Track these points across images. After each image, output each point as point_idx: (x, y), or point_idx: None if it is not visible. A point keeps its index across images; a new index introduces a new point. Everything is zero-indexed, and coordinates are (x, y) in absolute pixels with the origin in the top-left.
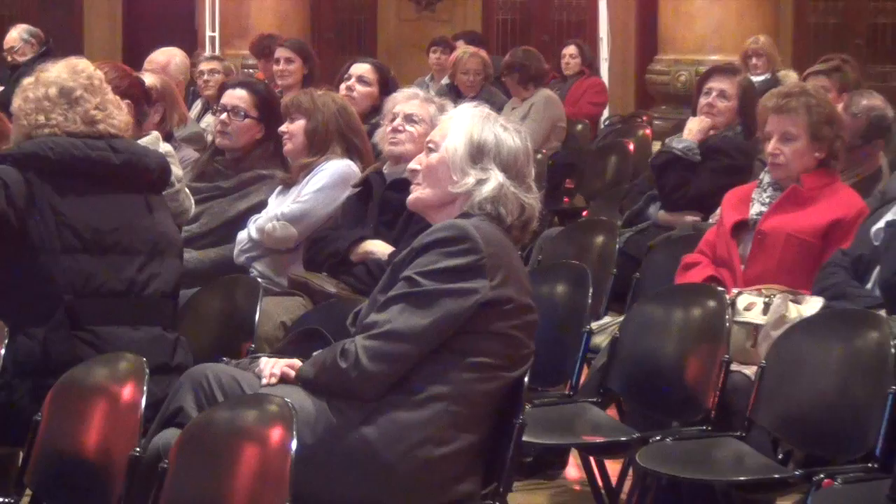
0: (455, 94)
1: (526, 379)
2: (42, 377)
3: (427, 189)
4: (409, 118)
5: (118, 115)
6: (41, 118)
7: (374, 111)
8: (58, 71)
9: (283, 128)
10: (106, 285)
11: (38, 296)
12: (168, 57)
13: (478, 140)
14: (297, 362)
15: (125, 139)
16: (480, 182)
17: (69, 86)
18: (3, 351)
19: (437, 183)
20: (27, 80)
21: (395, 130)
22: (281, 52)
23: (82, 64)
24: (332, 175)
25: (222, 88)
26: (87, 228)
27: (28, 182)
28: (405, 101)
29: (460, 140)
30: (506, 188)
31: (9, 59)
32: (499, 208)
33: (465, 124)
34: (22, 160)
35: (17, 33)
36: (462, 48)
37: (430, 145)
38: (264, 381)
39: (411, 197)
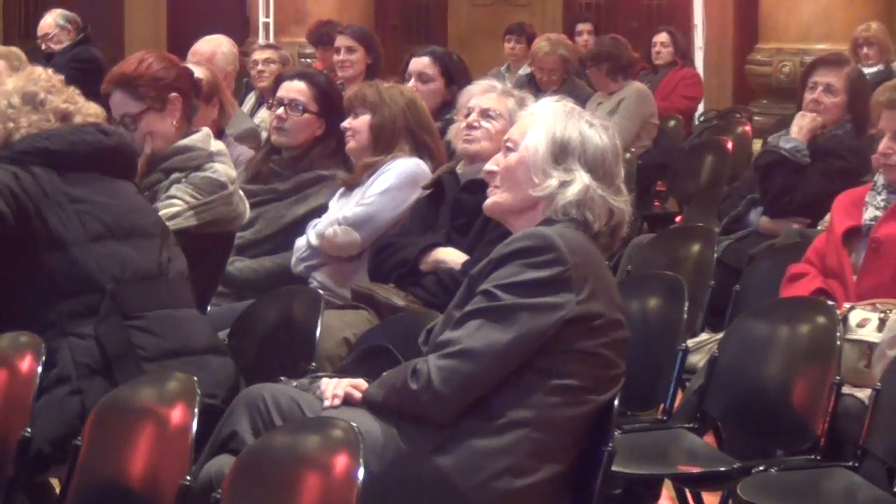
0: (535, 85)
1: (615, 402)
2: (109, 374)
3: (505, 193)
4: (485, 113)
5: (90, 106)
6: (10, 125)
7: (444, 107)
8: (14, 81)
9: (345, 123)
10: (141, 269)
11: (78, 291)
12: (213, 46)
13: (561, 138)
14: (362, 383)
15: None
16: (564, 184)
17: (30, 90)
18: (40, 368)
19: (516, 186)
20: None
21: (469, 127)
22: (341, 41)
23: (38, 70)
24: (400, 175)
25: (278, 80)
26: (105, 213)
27: (35, 176)
28: (481, 94)
29: (541, 138)
30: (592, 191)
31: (43, 46)
32: (585, 213)
33: (546, 120)
34: (20, 156)
35: (52, 19)
36: (541, 39)
37: (509, 144)
38: (326, 402)
39: (488, 202)
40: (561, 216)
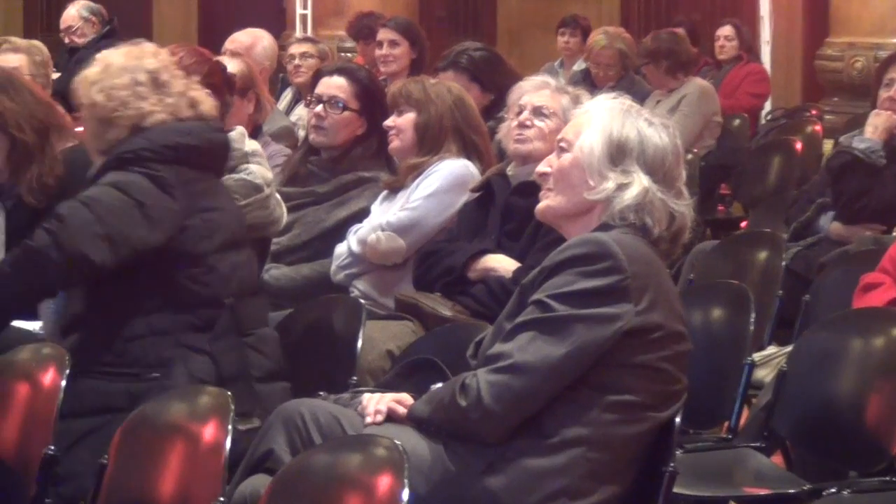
0: (590, 82)
1: (677, 419)
2: None
3: (559, 196)
4: (537, 111)
5: (207, 96)
6: (145, 105)
7: (493, 105)
8: (128, 57)
9: (388, 122)
10: (250, 282)
11: (200, 305)
12: (253, 38)
13: (618, 137)
14: (406, 398)
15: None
16: (621, 187)
17: (153, 67)
18: (63, 382)
19: (570, 189)
20: (93, 71)
21: (521, 126)
22: (384, 34)
23: (147, 46)
24: (447, 177)
25: (316, 76)
26: (227, 222)
27: (166, 187)
28: (533, 91)
29: (597, 138)
30: (651, 193)
31: (66, 40)
32: (644, 218)
33: (602, 119)
34: (161, 152)
35: (75, 10)
36: (598, 32)
37: (563, 144)
38: (368, 419)
39: (540, 206)
40: (618, 221)
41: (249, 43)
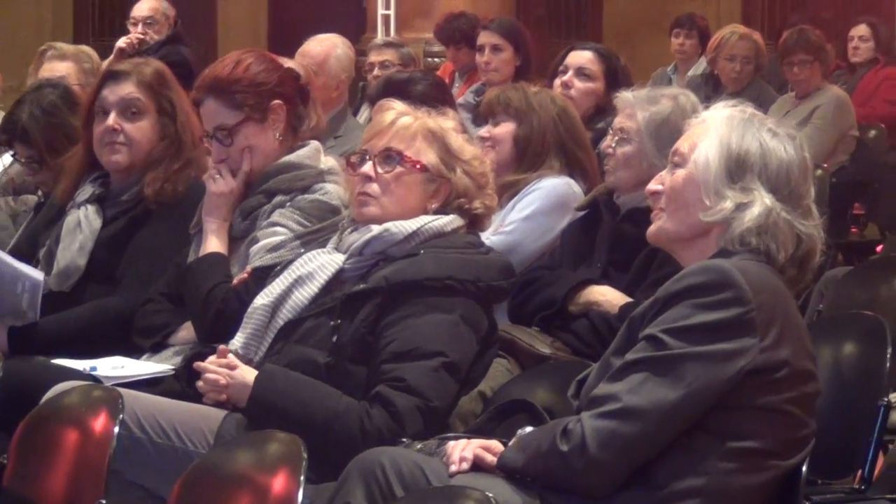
0: (713, 86)
1: (803, 468)
2: None
3: (672, 218)
4: (617, 134)
5: None
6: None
7: (599, 113)
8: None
9: (482, 132)
10: None
11: None
12: (327, 48)
13: (737, 150)
14: (496, 444)
15: None
16: (741, 207)
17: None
18: (116, 428)
19: (683, 209)
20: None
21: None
22: (485, 38)
23: None
24: (548, 197)
25: (376, 95)
26: None
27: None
28: (620, 110)
29: (714, 151)
30: (775, 214)
31: (144, 35)
32: (768, 242)
33: (719, 130)
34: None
35: (157, 3)
36: (731, 27)
37: (676, 159)
38: (453, 467)
39: (652, 228)
40: (738, 246)
41: (322, 55)
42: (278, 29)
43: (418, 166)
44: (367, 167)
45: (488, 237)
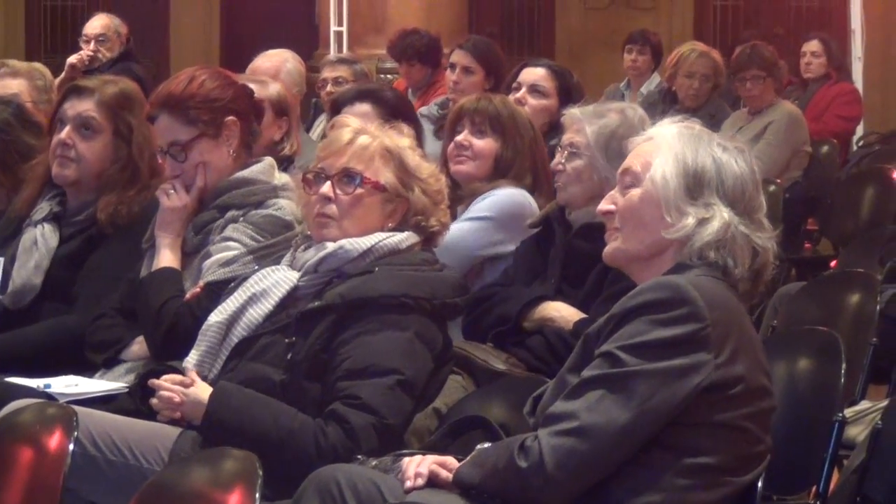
0: (670, 101)
1: (759, 484)
2: None
3: (630, 237)
4: (566, 149)
5: None
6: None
7: (552, 129)
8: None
9: (460, 138)
10: None
11: None
12: (276, 63)
13: (693, 166)
14: (451, 460)
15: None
16: (702, 222)
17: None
18: (71, 445)
19: (642, 228)
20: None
21: (554, 171)
22: (458, 57)
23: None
24: (499, 204)
25: (336, 104)
26: None
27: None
28: (569, 125)
29: (671, 168)
30: (734, 227)
31: (90, 52)
32: (726, 256)
33: (673, 146)
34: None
35: (108, 20)
36: (690, 44)
37: (627, 179)
38: (408, 483)
39: (608, 249)
40: (696, 260)
41: (272, 70)
42: (231, 45)
43: (377, 187)
44: (326, 188)
45: None
